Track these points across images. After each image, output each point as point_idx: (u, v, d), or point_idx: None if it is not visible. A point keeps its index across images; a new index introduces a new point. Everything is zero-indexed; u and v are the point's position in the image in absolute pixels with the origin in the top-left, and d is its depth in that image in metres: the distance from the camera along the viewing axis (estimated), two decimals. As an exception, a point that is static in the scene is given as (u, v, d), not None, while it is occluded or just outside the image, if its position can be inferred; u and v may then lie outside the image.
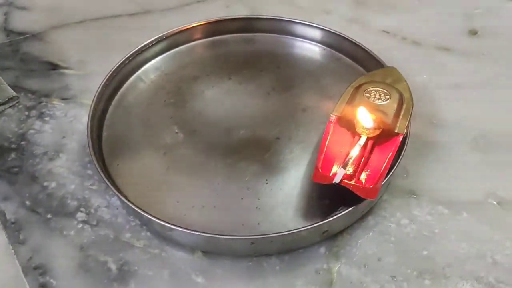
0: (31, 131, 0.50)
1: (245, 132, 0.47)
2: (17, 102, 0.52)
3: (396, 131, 0.41)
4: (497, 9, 0.64)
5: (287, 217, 0.40)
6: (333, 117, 0.42)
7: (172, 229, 0.38)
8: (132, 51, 0.52)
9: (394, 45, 0.58)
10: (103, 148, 0.46)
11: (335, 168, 0.40)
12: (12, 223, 0.42)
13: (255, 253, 0.39)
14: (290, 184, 0.43)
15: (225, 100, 0.50)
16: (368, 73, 0.48)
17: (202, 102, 0.50)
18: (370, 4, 0.64)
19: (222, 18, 0.57)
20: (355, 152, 0.40)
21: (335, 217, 0.38)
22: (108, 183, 0.40)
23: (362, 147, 0.40)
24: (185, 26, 0.56)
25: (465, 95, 0.52)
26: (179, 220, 0.39)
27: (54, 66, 0.57)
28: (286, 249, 0.39)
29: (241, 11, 0.63)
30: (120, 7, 0.65)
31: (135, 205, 0.39)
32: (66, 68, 0.57)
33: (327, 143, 0.41)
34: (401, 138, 0.41)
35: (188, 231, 0.37)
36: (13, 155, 0.47)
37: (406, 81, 0.46)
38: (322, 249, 0.40)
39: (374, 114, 0.41)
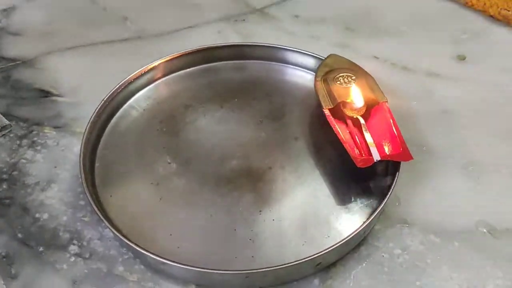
0: (23, 161, 0.49)
1: (238, 162, 0.47)
2: (9, 131, 0.52)
3: (380, 101, 0.46)
4: (484, 33, 0.65)
5: (281, 248, 0.40)
6: (327, 111, 0.46)
7: (164, 263, 0.38)
8: (125, 79, 0.53)
9: (384, 71, 0.59)
10: (96, 178, 0.46)
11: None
12: (4, 257, 0.42)
13: (249, 286, 0.39)
14: (283, 214, 0.43)
15: (217, 129, 0.51)
16: (320, 66, 0.52)
17: (195, 131, 0.50)
18: (359, 30, 0.65)
19: (213, 45, 0.58)
20: (366, 132, 0.45)
21: (328, 249, 0.38)
22: (100, 216, 0.40)
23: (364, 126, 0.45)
24: (176, 54, 0.56)
25: (455, 121, 0.53)
26: (172, 253, 0.39)
27: (46, 94, 0.57)
28: (280, 282, 0.39)
29: (232, 38, 0.64)
30: (112, 33, 0.65)
31: (128, 239, 0.39)
32: (58, 95, 0.57)
33: (342, 134, 0.44)
34: (387, 105, 0.46)
35: (181, 265, 0.37)
36: (4, 185, 0.47)
37: (350, 60, 0.52)
38: (316, 281, 0.40)
39: (356, 95, 0.47)
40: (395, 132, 0.45)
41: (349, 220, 0.42)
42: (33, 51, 0.63)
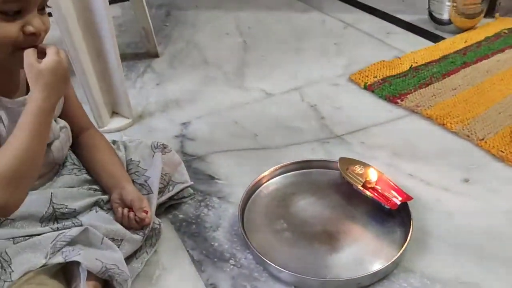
0: (202, 214, 0.90)
1: (321, 227, 0.85)
2: (194, 197, 0.94)
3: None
4: (485, 166, 1.00)
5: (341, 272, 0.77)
6: (359, 187, 0.87)
7: (281, 271, 0.75)
8: (259, 176, 0.93)
9: (414, 183, 0.95)
10: (244, 226, 0.85)
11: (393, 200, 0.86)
12: (197, 261, 0.81)
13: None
14: (345, 255, 0.79)
15: (310, 208, 0.89)
16: (339, 161, 0.94)
17: (297, 207, 0.90)
18: (401, 154, 1.03)
19: (309, 159, 0.98)
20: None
21: (364, 275, 0.73)
22: (249, 243, 0.79)
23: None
24: (287, 163, 0.97)
25: (459, 222, 0.87)
26: (285, 267, 0.77)
27: (212, 177, 0.99)
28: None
29: (321, 154, 1.04)
30: (248, 143, 1.08)
31: (262, 257, 0.77)
32: (218, 179, 0.99)
33: (375, 196, 0.85)
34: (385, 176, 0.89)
35: (292, 273, 0.74)
36: (193, 226, 0.88)
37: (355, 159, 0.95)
38: (358, 293, 0.75)
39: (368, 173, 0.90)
40: (395, 186, 0.85)
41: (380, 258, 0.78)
42: (203, 151, 1.07)
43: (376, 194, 0.87)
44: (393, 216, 0.86)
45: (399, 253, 0.77)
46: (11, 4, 0.62)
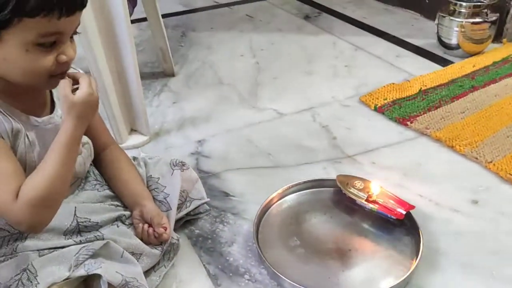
0: (217, 230, 0.93)
1: (332, 244, 0.87)
2: (209, 213, 0.97)
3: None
4: (494, 188, 1.02)
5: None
6: (363, 201, 0.91)
7: (295, 286, 0.77)
8: (272, 195, 0.97)
9: (424, 204, 0.98)
10: (259, 242, 0.88)
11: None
12: (213, 275, 0.84)
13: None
14: (356, 271, 0.82)
15: (321, 225, 0.92)
16: (338, 178, 0.98)
17: (309, 225, 0.92)
18: (411, 175, 1.06)
19: (321, 178, 1.01)
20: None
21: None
22: (267, 262, 0.82)
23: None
24: (300, 181, 1.00)
25: (468, 243, 0.89)
26: (299, 282, 0.79)
27: (226, 194, 1.02)
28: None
29: (332, 173, 1.07)
30: (261, 161, 1.12)
31: (276, 272, 0.80)
32: (233, 196, 1.02)
33: (380, 208, 0.89)
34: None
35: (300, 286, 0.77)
36: (209, 241, 0.91)
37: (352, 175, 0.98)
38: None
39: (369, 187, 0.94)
40: (395, 197, 0.90)
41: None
42: (217, 168, 1.10)
43: (380, 207, 0.91)
44: (401, 229, 0.90)
45: (409, 271, 0.79)
46: (49, 38, 0.66)
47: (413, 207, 0.91)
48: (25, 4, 0.62)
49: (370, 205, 0.92)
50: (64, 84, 0.69)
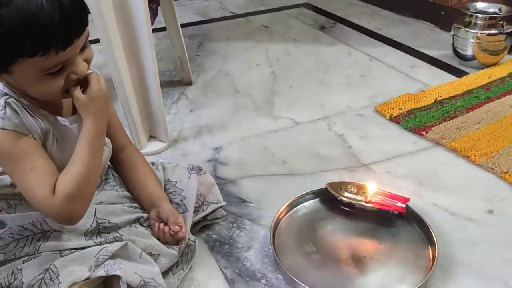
0: (234, 235, 0.95)
1: (347, 250, 0.88)
2: (226, 219, 0.98)
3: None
4: (509, 198, 1.03)
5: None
6: (363, 203, 0.93)
7: (311, 292, 0.79)
8: (288, 201, 0.98)
9: (439, 213, 0.99)
10: (276, 248, 0.89)
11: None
12: (230, 279, 0.85)
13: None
14: (371, 277, 0.83)
15: (337, 233, 0.93)
16: (331, 184, 1.00)
17: (324, 231, 0.93)
18: (426, 184, 1.06)
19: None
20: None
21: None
22: (283, 267, 0.83)
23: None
24: (315, 189, 1.01)
25: (483, 252, 0.90)
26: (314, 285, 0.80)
27: (243, 200, 1.04)
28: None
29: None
30: (277, 169, 1.13)
31: (292, 278, 0.81)
32: (249, 202, 1.03)
33: (380, 206, 0.92)
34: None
35: (319, 294, 0.78)
36: (226, 246, 0.92)
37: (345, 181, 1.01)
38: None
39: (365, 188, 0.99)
40: (388, 193, 0.96)
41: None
42: (234, 175, 1.12)
43: (379, 205, 0.96)
44: (416, 236, 0.90)
45: (424, 279, 0.80)
46: (53, 69, 0.69)
47: (408, 199, 0.95)
48: (20, 47, 0.65)
49: (371, 206, 0.95)
50: (73, 89, 0.74)
